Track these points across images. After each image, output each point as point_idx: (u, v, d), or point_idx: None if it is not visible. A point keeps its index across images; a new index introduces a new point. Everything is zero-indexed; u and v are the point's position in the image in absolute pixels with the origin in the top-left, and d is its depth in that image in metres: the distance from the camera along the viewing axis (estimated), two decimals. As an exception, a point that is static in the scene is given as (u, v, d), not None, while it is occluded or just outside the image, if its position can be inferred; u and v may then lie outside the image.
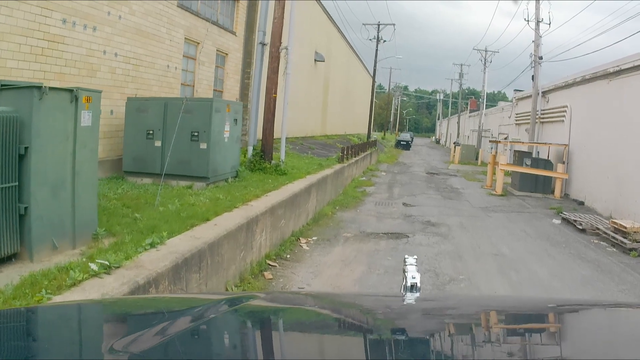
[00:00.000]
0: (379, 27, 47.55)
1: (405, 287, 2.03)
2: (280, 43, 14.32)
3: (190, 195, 9.66)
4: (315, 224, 12.70)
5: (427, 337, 1.58)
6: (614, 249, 12.35)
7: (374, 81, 51.81)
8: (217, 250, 6.66)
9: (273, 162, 14.03)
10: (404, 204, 17.33)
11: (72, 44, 10.73)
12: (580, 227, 14.33)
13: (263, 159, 13.88)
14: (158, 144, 11.32)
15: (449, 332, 1.67)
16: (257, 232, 8.35)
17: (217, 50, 18.48)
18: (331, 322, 1.79)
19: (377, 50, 47.15)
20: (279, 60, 14.26)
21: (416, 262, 2.13)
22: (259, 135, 15.30)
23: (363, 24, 48.23)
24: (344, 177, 19.24)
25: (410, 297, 1.99)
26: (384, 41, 47.64)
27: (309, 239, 10.98)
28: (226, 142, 11.51)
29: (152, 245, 6.08)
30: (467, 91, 76.53)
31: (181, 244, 6.20)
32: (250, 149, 14.20)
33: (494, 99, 77.67)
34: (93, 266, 5.14)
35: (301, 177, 13.39)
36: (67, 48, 10.58)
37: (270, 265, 8.82)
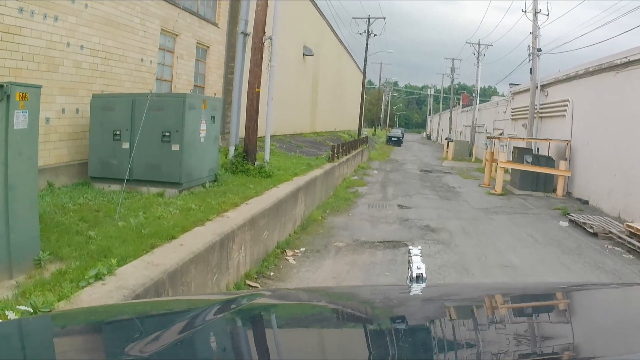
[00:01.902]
0: (369, 21, 46.33)
1: (411, 278, 2.02)
2: (264, 33, 13.08)
3: (158, 205, 8.43)
4: (304, 231, 11.51)
5: (436, 327, 1.57)
6: (631, 256, 11.27)
7: (364, 76, 50.66)
8: (180, 279, 5.46)
9: (257, 163, 12.79)
10: (399, 205, 16.18)
11: (30, 36, 9.57)
12: (591, 230, 13.23)
13: (246, 160, 12.62)
14: (126, 145, 10.09)
15: (458, 320, 1.68)
16: (234, 249, 7.15)
17: (197, 42, 17.23)
18: (339, 316, 1.78)
19: (367, 44, 45.94)
20: (263, 51, 13.01)
21: (421, 252, 2.12)
22: (243, 134, 14.06)
23: (353, 18, 47.04)
24: (334, 177, 18.05)
25: (417, 288, 2.00)
26: (375, 35, 46.44)
27: (296, 251, 9.79)
28: (202, 143, 10.27)
29: (98, 277, 4.90)
30: (457, 86, 75.51)
31: (134, 274, 5.01)
32: (232, 149, 12.93)
33: (484, 94, 76.64)
34: (12, 315, 3.97)
35: (288, 179, 12.18)
36: (24, 40, 9.42)
37: (250, 286, 7.61)
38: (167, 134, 9.67)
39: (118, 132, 10.19)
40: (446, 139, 52.14)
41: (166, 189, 9.72)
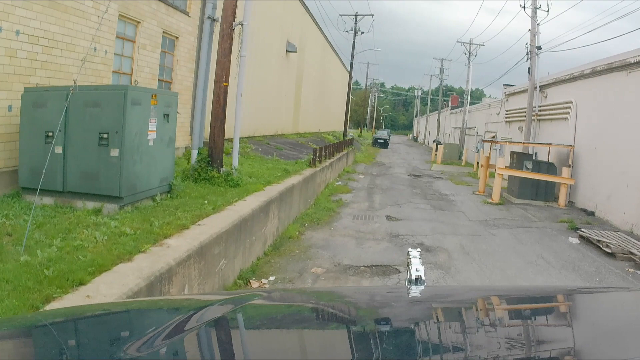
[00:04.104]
0: (356, 18, 44.55)
1: (410, 280, 2.02)
2: (234, 18, 11.21)
3: (85, 228, 6.57)
4: (276, 252, 9.69)
5: (436, 329, 1.56)
6: (659, 283, 9.64)
7: (350, 76, 48.75)
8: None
9: (223, 169, 10.89)
10: (387, 217, 14.41)
11: (-50, 19, 7.80)
12: (607, 250, 11.55)
13: (210, 165, 10.73)
14: (59, 150, 8.20)
15: (458, 322, 1.67)
16: (171, 292, 5.31)
17: (164, 32, 15.33)
18: (337, 317, 1.75)
19: (354, 42, 44.13)
20: (232, 39, 11.13)
21: (420, 254, 2.12)
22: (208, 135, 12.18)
23: (340, 15, 45.11)
24: (315, 184, 16.21)
25: (415, 290, 1.98)
26: (362, 33, 44.61)
27: (263, 282, 7.93)
28: (151, 147, 8.38)
29: None
30: (445, 88, 74.04)
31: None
32: (194, 153, 11.02)
33: (472, 97, 75.28)
34: None
35: (258, 189, 10.34)
36: (-59, 24, 7.66)
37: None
38: (104, 135, 7.79)
39: (50, 134, 8.30)
40: (434, 141, 50.62)
41: (104, 204, 7.85)
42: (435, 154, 40.84)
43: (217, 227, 6.86)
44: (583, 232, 13.12)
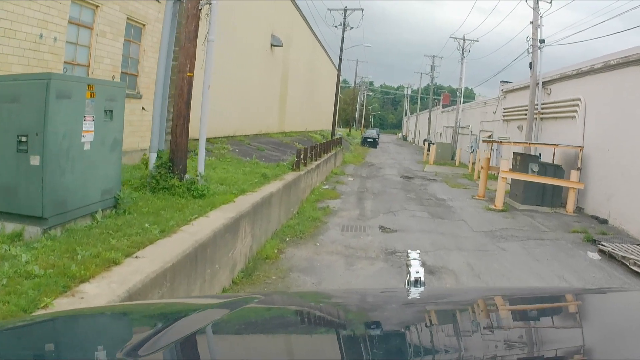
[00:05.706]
0: (345, 13, 42.82)
1: (409, 282, 1.99)
2: (202, -3, 9.45)
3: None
4: (248, 279, 7.96)
5: (435, 331, 1.52)
6: None
7: (339, 73, 46.98)
8: None
9: (187, 176, 9.12)
10: (381, 227, 12.73)
11: None
12: (636, 268, 9.97)
13: (172, 171, 8.98)
14: (-26, 156, 6.44)
15: (458, 324, 1.62)
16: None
17: (128, 18, 13.56)
18: (336, 320, 1.70)
19: (343, 37, 42.33)
20: (199, 21, 9.39)
21: (419, 256, 2.08)
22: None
23: (329, 9, 43.38)
24: (299, 190, 14.49)
25: (415, 292, 1.95)
26: (351, 28, 42.88)
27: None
28: (87, 151, 6.61)
29: None
30: (434, 87, 72.54)
31: None
32: (152, 157, 9.23)
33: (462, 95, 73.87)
34: None
35: (228, 200, 8.59)
36: None
37: None
38: (23, 139, 6.00)
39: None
40: (425, 140, 49.10)
41: (26, 227, 6.06)
42: (427, 154, 39.22)
43: (161, 260, 5.13)
44: (604, 246, 11.50)
